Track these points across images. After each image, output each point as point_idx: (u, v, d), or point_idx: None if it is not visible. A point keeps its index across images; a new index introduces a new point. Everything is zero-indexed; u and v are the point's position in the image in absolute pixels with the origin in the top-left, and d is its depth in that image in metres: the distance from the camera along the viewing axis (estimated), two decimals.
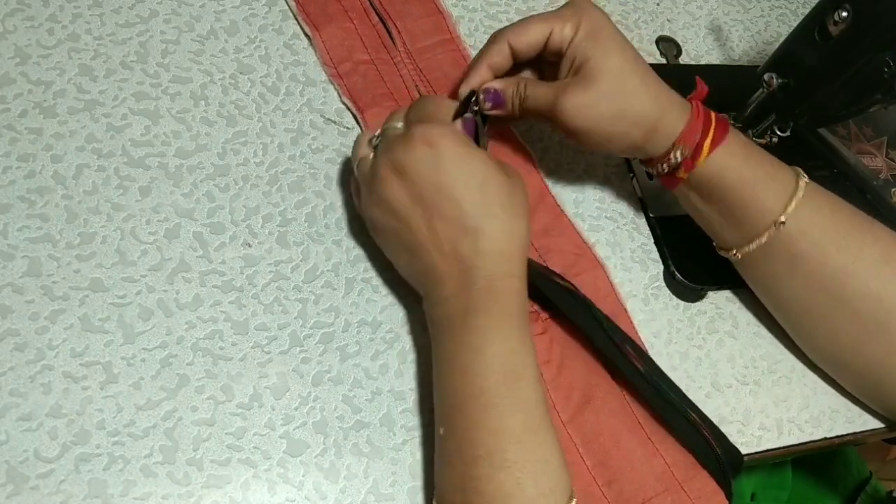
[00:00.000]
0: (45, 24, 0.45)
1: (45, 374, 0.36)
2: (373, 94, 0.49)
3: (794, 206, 0.43)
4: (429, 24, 0.54)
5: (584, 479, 0.41)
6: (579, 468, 0.41)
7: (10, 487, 0.33)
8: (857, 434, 0.49)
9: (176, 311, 0.39)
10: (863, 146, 0.58)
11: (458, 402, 0.37)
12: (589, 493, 0.41)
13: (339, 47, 0.50)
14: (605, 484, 0.41)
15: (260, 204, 0.44)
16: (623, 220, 0.52)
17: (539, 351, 0.44)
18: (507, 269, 0.38)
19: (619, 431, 0.43)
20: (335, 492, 0.38)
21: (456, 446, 0.36)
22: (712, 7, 0.66)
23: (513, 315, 0.38)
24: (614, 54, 0.42)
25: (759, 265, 0.46)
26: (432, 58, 0.53)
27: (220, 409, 0.38)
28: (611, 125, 0.42)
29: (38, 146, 0.41)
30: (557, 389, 0.43)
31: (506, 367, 0.36)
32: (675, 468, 0.42)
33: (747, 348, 0.49)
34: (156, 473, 0.36)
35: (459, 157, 0.38)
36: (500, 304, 0.38)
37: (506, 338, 0.37)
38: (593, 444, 0.42)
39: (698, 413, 0.44)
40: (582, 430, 0.42)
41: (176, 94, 0.45)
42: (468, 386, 0.36)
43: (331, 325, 0.42)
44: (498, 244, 0.38)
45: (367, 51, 0.51)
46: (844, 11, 0.44)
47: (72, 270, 0.39)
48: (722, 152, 0.43)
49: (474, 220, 0.38)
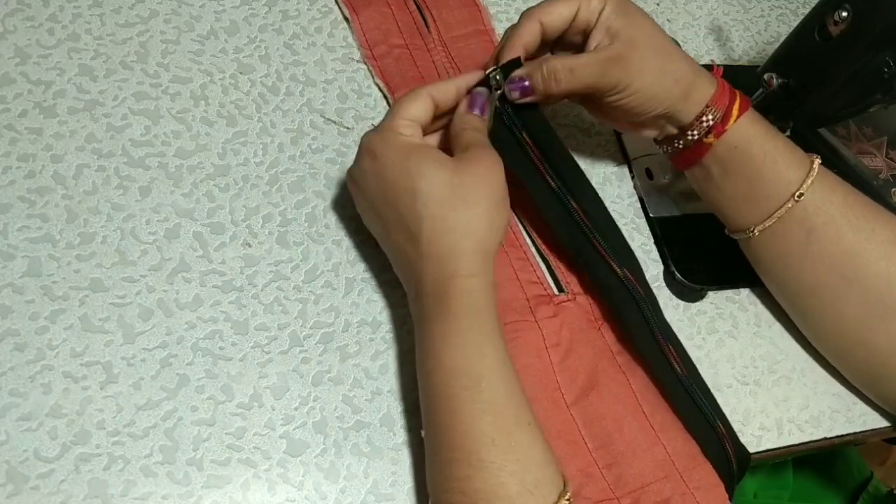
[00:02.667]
0: (45, 24, 0.45)
1: (45, 374, 0.36)
2: (404, 77, 0.51)
3: (812, 181, 0.43)
4: (464, 15, 0.55)
5: (585, 460, 0.41)
6: (580, 448, 0.42)
7: (10, 487, 0.33)
8: (857, 434, 0.49)
9: (176, 311, 0.39)
10: (863, 146, 0.58)
11: (430, 406, 0.37)
12: (589, 473, 0.41)
13: (375, 30, 0.52)
14: (605, 466, 0.41)
15: (260, 204, 0.44)
16: (623, 220, 0.52)
17: (548, 334, 0.44)
18: (451, 269, 0.37)
19: (623, 418, 0.43)
20: (335, 492, 0.38)
21: (435, 448, 0.36)
22: (712, 7, 0.66)
23: (465, 316, 0.37)
24: (644, 21, 0.43)
25: (773, 244, 0.46)
26: (465, 47, 0.54)
27: (220, 409, 0.38)
28: (657, 82, 0.43)
29: (38, 146, 0.41)
30: (564, 372, 0.43)
31: (465, 371, 0.36)
32: (676, 458, 0.42)
33: (747, 348, 0.49)
34: (156, 473, 0.36)
35: (399, 163, 0.38)
36: (450, 307, 0.37)
37: (461, 342, 0.36)
38: (596, 427, 0.42)
39: (717, 409, 0.44)
40: (585, 413, 0.43)
41: (176, 94, 0.45)
42: (435, 391, 0.36)
43: (331, 325, 0.42)
44: (438, 247, 0.37)
45: (402, 35, 0.53)
46: (844, 11, 0.44)
47: (72, 270, 0.39)
48: (747, 120, 0.43)
49: (413, 226, 0.38)
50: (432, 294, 0.37)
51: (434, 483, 0.36)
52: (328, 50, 0.51)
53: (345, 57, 0.51)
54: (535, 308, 0.45)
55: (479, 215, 0.38)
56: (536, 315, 0.44)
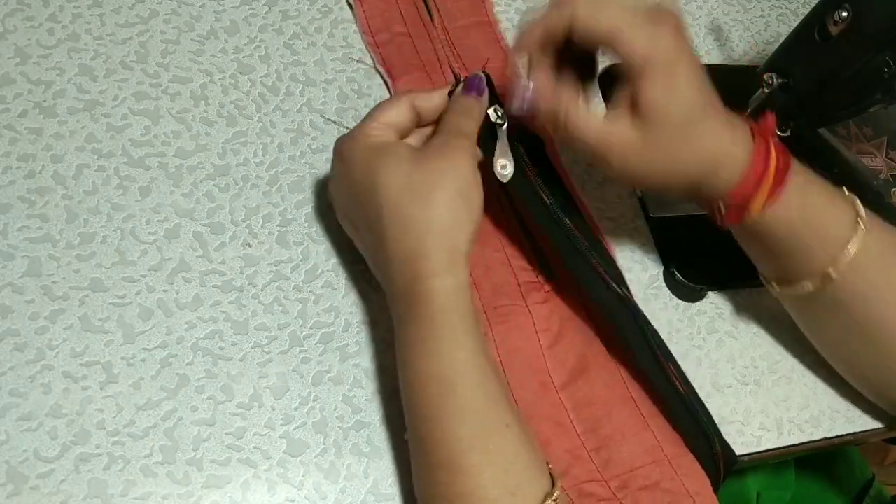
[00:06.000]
0: (45, 24, 0.45)
1: (45, 374, 0.36)
2: (406, 65, 0.51)
3: (846, 258, 0.40)
4: (466, 5, 0.55)
5: (573, 443, 0.42)
6: (568, 431, 0.42)
7: (10, 487, 0.33)
8: (857, 434, 0.49)
9: (176, 311, 0.39)
10: (863, 146, 0.58)
11: (409, 412, 0.36)
12: (576, 454, 0.41)
13: (378, 17, 0.52)
14: (593, 449, 0.42)
15: (260, 204, 0.44)
16: (623, 220, 0.52)
17: (538, 319, 0.44)
18: (415, 270, 0.35)
19: (612, 404, 0.43)
20: (335, 492, 0.38)
21: (417, 453, 0.36)
22: (712, 7, 0.66)
23: (433, 319, 0.35)
24: (684, 102, 0.37)
25: (799, 305, 0.45)
26: (467, 37, 0.54)
27: (220, 409, 0.38)
28: (657, 180, 0.39)
29: (38, 146, 0.41)
30: (553, 357, 0.44)
31: (438, 377, 0.34)
32: (665, 444, 0.42)
33: (747, 348, 0.49)
34: (156, 473, 0.36)
35: (362, 162, 0.37)
36: (419, 310, 0.35)
37: (432, 348, 0.35)
38: (584, 411, 0.43)
39: (707, 415, 0.44)
40: (574, 398, 0.43)
41: (176, 94, 0.45)
42: (411, 397, 0.36)
43: (331, 325, 0.42)
44: (402, 245, 0.35)
45: (405, 23, 0.53)
46: (844, 11, 0.44)
47: (72, 270, 0.39)
48: (777, 205, 0.39)
49: (377, 225, 0.36)
50: (401, 296, 0.36)
51: (419, 487, 0.36)
52: (328, 50, 0.51)
53: (345, 57, 0.51)
54: (525, 294, 0.45)
55: (440, 211, 0.35)
56: (527, 300, 0.45)
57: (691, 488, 0.41)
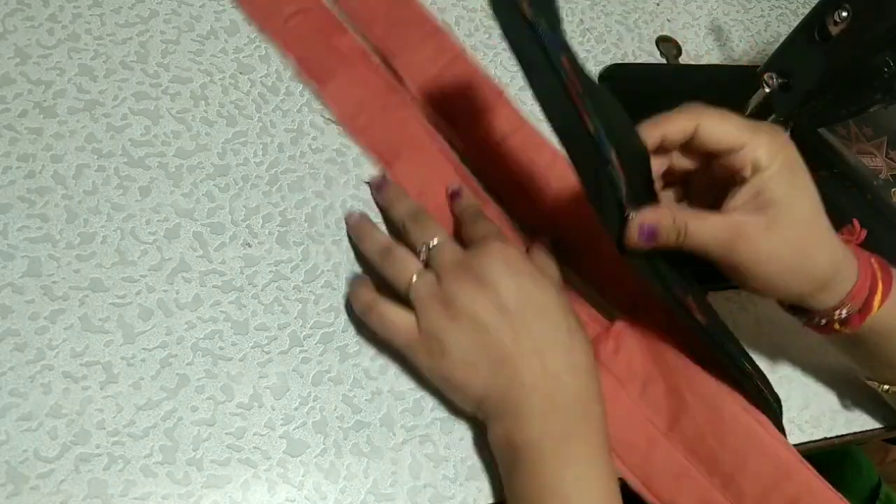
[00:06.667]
0: (45, 24, 0.45)
1: (45, 374, 0.36)
2: (395, 145, 0.47)
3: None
4: (431, 49, 0.51)
5: (700, 489, 0.41)
6: (691, 478, 0.41)
7: (10, 487, 0.33)
8: (857, 434, 0.49)
9: (176, 311, 0.39)
10: (863, 146, 0.58)
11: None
12: (708, 499, 0.41)
13: (348, 102, 0.48)
14: (722, 487, 0.41)
15: (260, 204, 0.44)
16: None
17: (619, 372, 0.43)
18: (595, 390, 0.38)
19: (719, 428, 0.41)
20: (335, 492, 0.38)
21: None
22: (712, 7, 0.66)
23: (604, 443, 0.37)
24: (807, 200, 0.38)
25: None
26: (445, 86, 0.50)
27: (220, 409, 0.38)
28: (787, 276, 0.39)
29: (38, 146, 0.41)
30: (648, 405, 0.43)
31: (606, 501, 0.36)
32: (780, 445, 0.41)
33: (747, 348, 0.49)
34: (156, 473, 0.36)
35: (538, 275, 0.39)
36: (595, 429, 0.37)
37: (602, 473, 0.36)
38: (698, 447, 0.41)
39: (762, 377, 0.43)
40: (684, 438, 0.42)
41: (176, 94, 0.45)
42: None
43: (331, 325, 0.42)
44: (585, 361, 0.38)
45: (376, 98, 0.48)
46: (844, 11, 0.44)
47: (72, 270, 0.39)
48: (887, 308, 0.40)
49: (565, 335, 0.38)
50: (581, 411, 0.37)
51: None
52: None
53: None
54: (597, 352, 0.43)
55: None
56: (601, 358, 0.43)
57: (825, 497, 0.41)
